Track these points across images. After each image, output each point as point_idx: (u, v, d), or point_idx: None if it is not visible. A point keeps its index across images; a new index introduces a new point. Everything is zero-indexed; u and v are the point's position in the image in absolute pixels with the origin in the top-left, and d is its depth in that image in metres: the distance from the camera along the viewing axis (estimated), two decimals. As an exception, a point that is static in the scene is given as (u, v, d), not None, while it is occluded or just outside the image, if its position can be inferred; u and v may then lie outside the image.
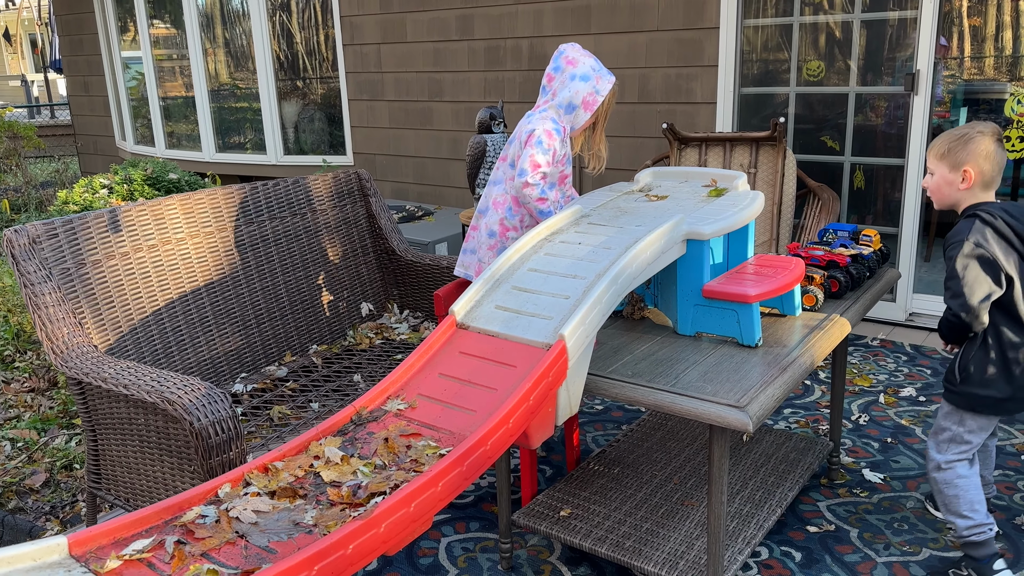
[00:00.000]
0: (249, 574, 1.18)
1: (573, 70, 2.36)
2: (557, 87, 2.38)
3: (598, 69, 2.40)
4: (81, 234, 2.48)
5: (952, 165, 2.04)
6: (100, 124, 8.02)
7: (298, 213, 3.11)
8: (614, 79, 2.42)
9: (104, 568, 1.18)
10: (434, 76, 5.42)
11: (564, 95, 2.37)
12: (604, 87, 2.37)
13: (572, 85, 2.35)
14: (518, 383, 1.59)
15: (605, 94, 2.37)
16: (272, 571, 1.14)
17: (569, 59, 2.38)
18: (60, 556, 1.19)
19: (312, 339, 3.09)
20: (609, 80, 2.40)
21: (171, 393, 1.98)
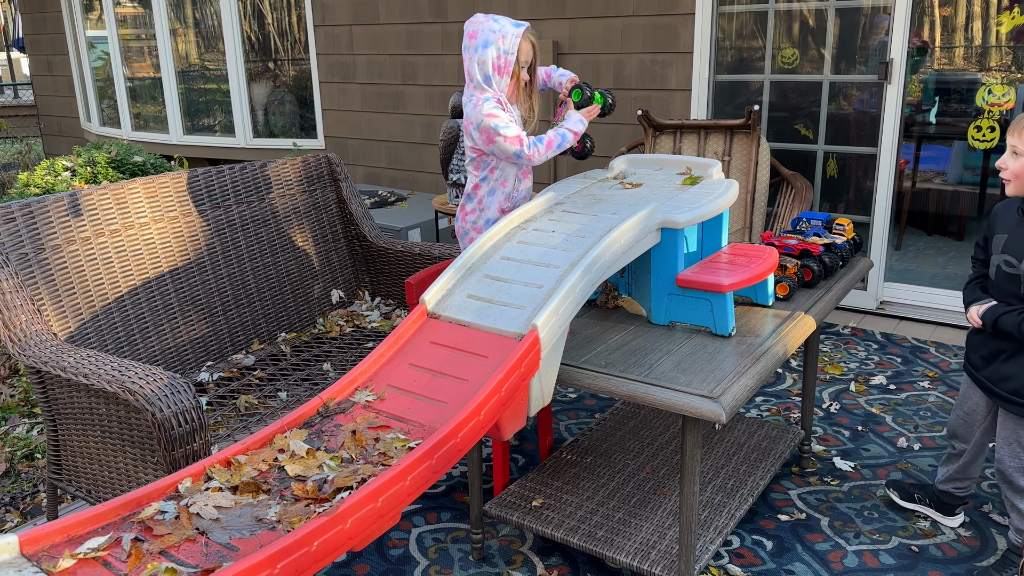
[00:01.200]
0: (209, 572, 1.14)
1: (474, 42, 2.28)
2: (468, 66, 2.32)
3: (499, 29, 2.26)
4: (40, 218, 2.40)
5: None
6: (64, 105, 7.82)
7: (266, 198, 3.05)
8: (521, 28, 2.27)
9: (56, 568, 1.13)
10: (407, 59, 5.34)
11: (476, 70, 2.30)
12: (510, 44, 2.24)
13: (477, 57, 2.28)
14: (490, 374, 1.57)
15: (514, 51, 2.25)
16: (233, 570, 1.10)
17: (470, 33, 2.30)
18: (10, 555, 1.14)
19: (281, 327, 3.03)
20: (514, 34, 2.25)
21: (132, 383, 1.93)
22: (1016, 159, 1.95)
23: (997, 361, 2.04)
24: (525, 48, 2.29)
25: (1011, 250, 1.99)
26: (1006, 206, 2.08)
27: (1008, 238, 2.01)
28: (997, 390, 2.05)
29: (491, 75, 2.27)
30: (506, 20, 2.28)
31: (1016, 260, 1.95)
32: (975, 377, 2.16)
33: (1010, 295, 1.98)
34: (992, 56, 4.88)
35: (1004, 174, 1.99)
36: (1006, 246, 2.01)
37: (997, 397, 2.07)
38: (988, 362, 2.09)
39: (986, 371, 2.09)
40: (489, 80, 2.28)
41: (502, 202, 2.43)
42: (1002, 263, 2.01)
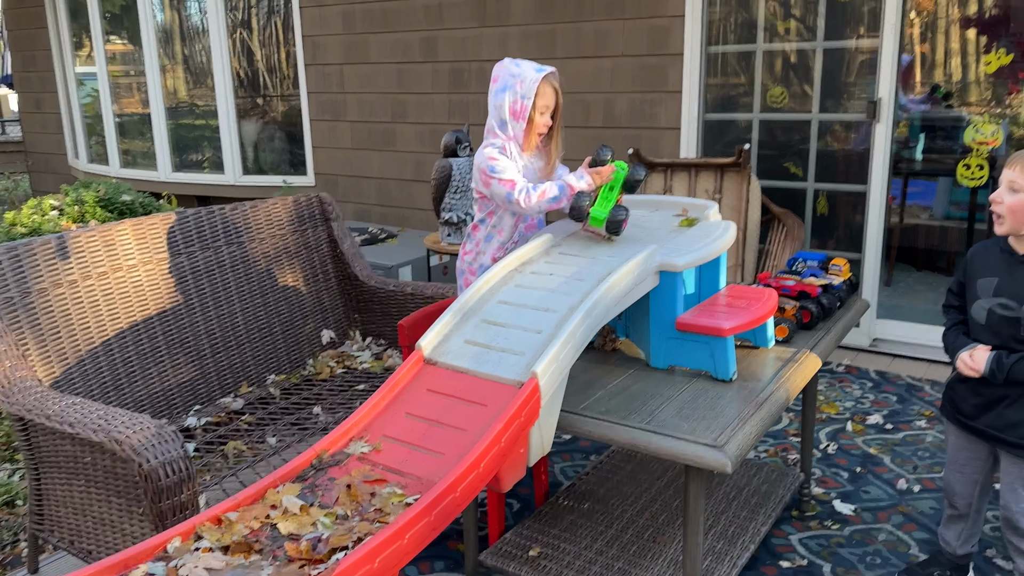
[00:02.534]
0: (199, 642, 1.09)
1: (495, 86, 2.28)
2: (489, 108, 2.32)
3: (518, 74, 2.24)
4: (26, 261, 2.35)
5: None
6: (52, 142, 7.79)
7: (256, 238, 3.01)
8: (541, 73, 2.22)
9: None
10: (398, 97, 5.36)
11: (494, 114, 2.29)
12: (528, 88, 2.21)
13: (496, 101, 2.28)
14: (489, 424, 1.52)
15: (531, 96, 2.21)
16: (224, 639, 1.05)
17: (493, 77, 2.30)
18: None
19: (270, 368, 2.98)
20: (533, 79, 2.22)
21: (119, 432, 1.87)
22: (1014, 195, 1.88)
23: (999, 407, 2.00)
24: (545, 93, 2.24)
25: (1006, 293, 1.96)
26: (984, 248, 2.05)
27: (999, 281, 1.97)
28: (1006, 437, 2.01)
29: (507, 120, 2.25)
30: (529, 65, 2.26)
31: (1016, 303, 1.94)
32: (970, 427, 2.10)
33: (1010, 339, 1.96)
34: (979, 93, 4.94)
35: (998, 208, 1.91)
36: (998, 289, 1.97)
37: (1005, 444, 2.02)
38: (985, 410, 2.03)
39: (985, 419, 2.04)
40: (505, 125, 2.27)
41: (496, 251, 2.41)
42: (996, 307, 1.97)
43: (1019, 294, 1.93)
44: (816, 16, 4.07)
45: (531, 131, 2.27)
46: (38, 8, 7.34)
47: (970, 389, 2.06)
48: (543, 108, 2.25)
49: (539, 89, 2.22)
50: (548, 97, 2.24)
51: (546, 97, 2.24)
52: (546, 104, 2.25)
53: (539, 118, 2.26)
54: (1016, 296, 1.93)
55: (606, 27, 4.45)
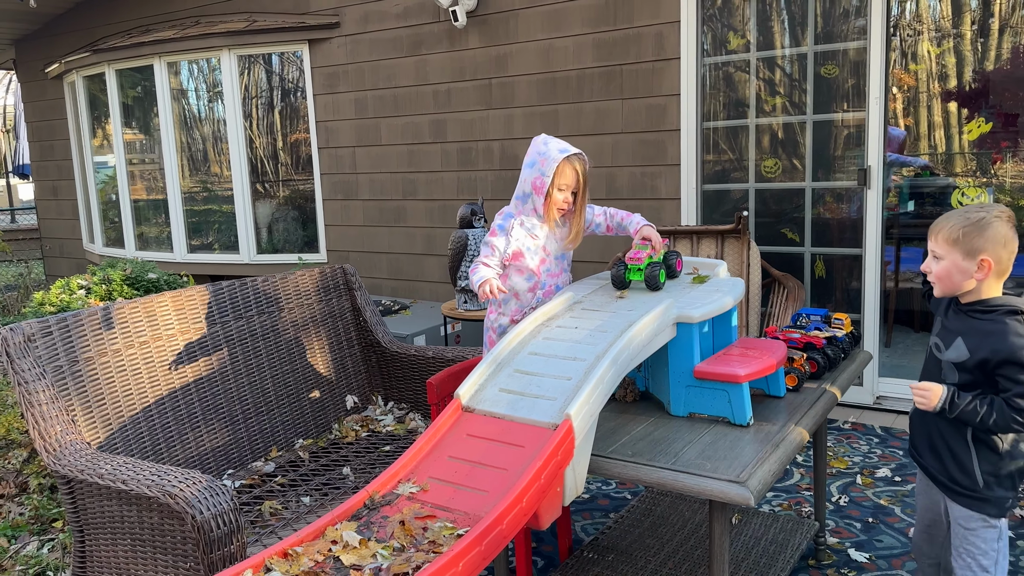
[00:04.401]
0: (282, 657, 1.18)
1: (525, 160, 2.47)
2: (520, 180, 2.52)
3: (544, 152, 2.40)
4: (75, 331, 2.49)
5: (967, 252, 1.88)
6: (68, 227, 8.02)
7: (285, 307, 3.16)
8: (562, 156, 2.38)
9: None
10: (408, 176, 5.60)
11: (519, 187, 2.49)
12: (548, 168, 2.38)
13: (522, 175, 2.47)
14: (528, 462, 1.64)
15: (550, 174, 2.37)
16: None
17: (528, 152, 2.51)
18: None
19: (298, 433, 3.08)
20: (554, 160, 2.37)
21: (172, 486, 1.97)
22: (938, 263, 1.94)
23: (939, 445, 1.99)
24: (564, 173, 2.40)
25: (940, 334, 2.01)
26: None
27: (940, 321, 2.04)
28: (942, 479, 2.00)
29: (529, 193, 2.45)
30: (556, 145, 2.43)
31: (943, 346, 1.98)
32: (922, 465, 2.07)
33: (935, 378, 1.99)
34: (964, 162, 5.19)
35: (930, 277, 1.99)
36: (937, 330, 2.04)
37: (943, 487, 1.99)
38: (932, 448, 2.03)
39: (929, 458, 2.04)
40: (527, 197, 2.47)
41: (514, 312, 2.56)
42: (932, 345, 2.03)
43: (947, 338, 1.97)
44: (804, 91, 4.34)
45: (549, 206, 2.44)
46: (58, 100, 7.69)
47: (920, 423, 2.07)
48: (562, 186, 2.42)
49: (559, 168, 2.39)
50: (567, 177, 2.41)
51: (565, 177, 2.40)
52: (566, 183, 2.42)
53: (557, 195, 2.43)
54: (945, 339, 1.98)
55: (606, 106, 4.72)
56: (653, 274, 2.24)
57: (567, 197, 2.45)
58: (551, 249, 2.54)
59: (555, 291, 2.58)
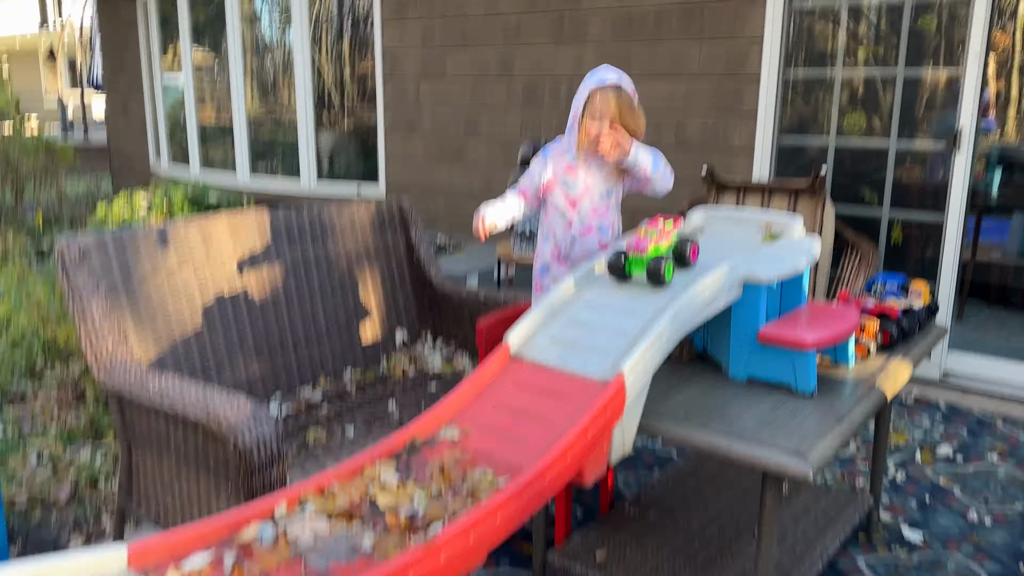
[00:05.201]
0: (310, 597, 1.16)
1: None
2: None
3: (585, 81, 2.37)
4: (130, 248, 2.49)
5: None
6: (136, 144, 8.14)
7: (340, 238, 3.12)
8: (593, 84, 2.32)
9: (166, 583, 1.16)
10: (471, 112, 5.48)
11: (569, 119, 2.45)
12: (581, 96, 2.35)
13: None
14: (575, 417, 1.57)
15: (581, 103, 2.34)
16: (335, 595, 1.12)
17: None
18: (119, 567, 1.17)
19: (347, 364, 3.07)
20: (586, 88, 2.34)
21: (217, 410, 1.97)
22: None
23: None
24: (595, 101, 2.33)
25: None
26: None
27: None
28: None
29: (572, 124, 2.39)
30: (600, 73, 2.37)
31: None
32: None
33: None
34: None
35: None
36: None
37: None
38: None
39: None
40: (570, 129, 2.41)
41: (551, 252, 2.53)
42: None
43: None
44: (897, 43, 4.05)
45: (581, 136, 2.38)
46: (130, 15, 7.72)
47: None
48: (592, 114, 2.34)
49: (590, 97, 2.34)
50: (599, 106, 2.33)
51: (595, 105, 2.33)
52: (598, 111, 2.33)
53: (589, 124, 2.35)
54: None
55: (683, 48, 4.50)
56: (657, 268, 1.87)
57: (599, 126, 2.36)
58: (593, 184, 2.45)
59: (597, 230, 2.47)
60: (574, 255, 2.49)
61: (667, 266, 1.87)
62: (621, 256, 1.95)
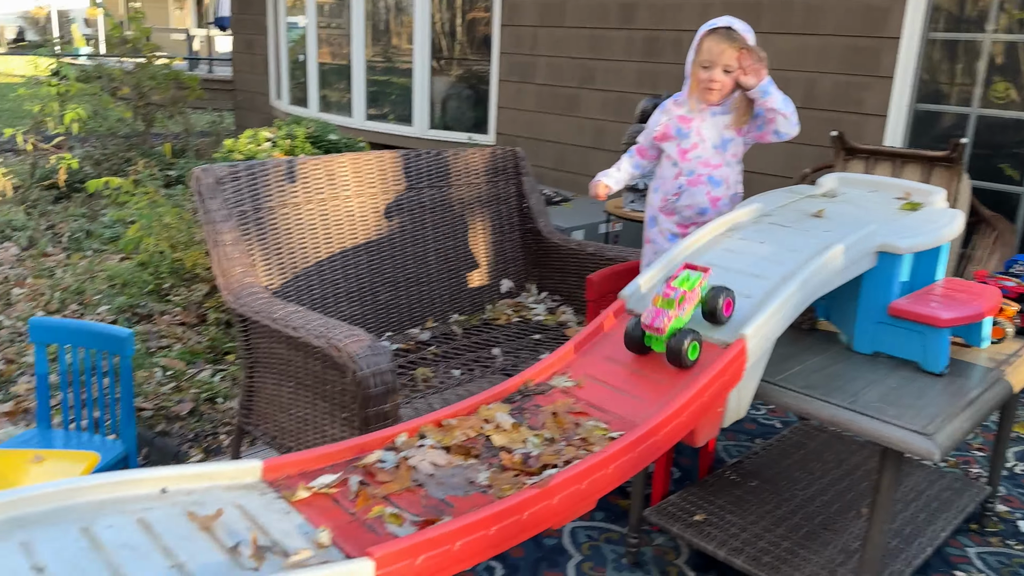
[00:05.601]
0: (430, 523, 1.20)
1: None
2: None
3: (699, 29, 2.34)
4: (260, 180, 2.59)
5: None
6: (258, 82, 8.41)
7: (454, 183, 3.16)
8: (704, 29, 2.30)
9: (294, 497, 1.22)
10: (587, 63, 5.39)
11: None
12: (693, 43, 2.33)
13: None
14: (693, 377, 1.55)
15: (693, 50, 2.33)
16: (454, 524, 1.15)
17: None
18: (254, 479, 1.24)
19: (453, 308, 3.13)
20: (698, 35, 2.32)
21: (338, 340, 2.05)
22: None
23: None
24: (705, 47, 2.29)
25: None
26: None
27: None
28: None
29: (687, 73, 2.39)
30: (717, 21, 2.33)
31: None
32: None
33: None
34: None
35: None
36: None
37: None
38: None
39: None
40: (686, 78, 2.41)
41: (660, 201, 2.51)
42: None
43: None
44: (1062, 6, 3.72)
45: (693, 85, 2.36)
46: (260, -44, 7.91)
47: None
48: (705, 63, 2.29)
49: (700, 43, 2.30)
50: (707, 53, 2.28)
51: (705, 53, 2.29)
52: (708, 59, 2.28)
53: (701, 73, 2.31)
54: None
55: (818, 2, 4.26)
56: (678, 348, 1.54)
57: (712, 75, 2.29)
58: (707, 135, 2.40)
59: (707, 182, 2.41)
60: (680, 206, 2.45)
61: (691, 347, 1.54)
62: (639, 327, 1.62)
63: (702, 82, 2.32)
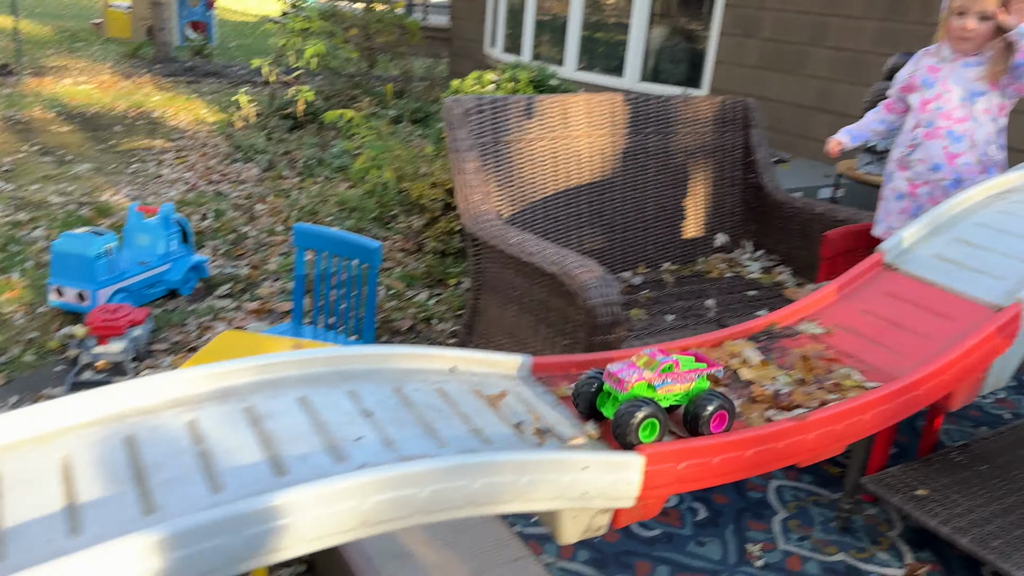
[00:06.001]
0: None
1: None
2: None
3: None
4: (501, 114, 2.71)
5: None
6: (474, 29, 8.67)
7: (680, 131, 3.13)
8: None
9: (559, 392, 1.31)
10: (819, 18, 5.09)
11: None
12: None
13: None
14: (960, 337, 1.48)
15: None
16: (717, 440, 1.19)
17: None
18: (525, 372, 1.34)
19: (665, 256, 3.14)
20: None
21: (571, 268, 2.13)
22: None
23: None
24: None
25: None
26: None
27: None
28: None
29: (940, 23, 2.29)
30: None
31: None
32: None
33: None
34: None
35: None
36: None
37: None
38: None
39: None
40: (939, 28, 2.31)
41: (897, 156, 2.42)
42: None
43: None
44: None
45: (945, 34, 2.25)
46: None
47: None
48: (958, 9, 2.17)
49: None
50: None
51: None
52: (962, 5, 2.15)
53: (954, 20, 2.19)
54: None
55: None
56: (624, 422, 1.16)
57: (965, 23, 2.14)
58: (954, 86, 2.24)
59: (946, 136, 2.25)
60: (913, 160, 2.34)
61: (646, 425, 1.16)
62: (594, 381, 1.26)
63: (954, 31, 2.20)
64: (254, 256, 4.23)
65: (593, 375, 1.24)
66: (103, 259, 3.21)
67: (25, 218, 4.46)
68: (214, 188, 5.32)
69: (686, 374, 1.23)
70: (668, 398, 1.22)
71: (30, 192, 4.94)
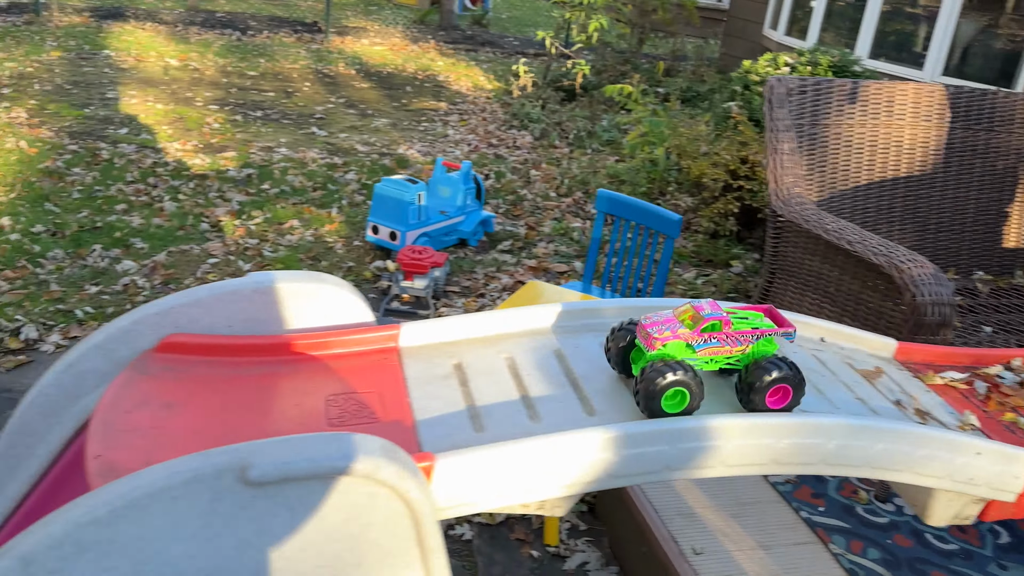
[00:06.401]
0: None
1: None
2: None
3: None
4: (823, 97, 2.64)
5: None
6: (754, 10, 8.39)
7: (1015, 132, 2.86)
8: None
9: (928, 380, 1.29)
10: None
11: None
12: None
13: None
14: None
15: None
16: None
17: None
18: (888, 354, 1.34)
19: (979, 264, 2.90)
20: None
21: (900, 261, 2.05)
22: None
23: None
24: None
25: None
26: None
27: None
28: None
29: None
30: None
31: None
32: None
33: None
34: None
35: None
36: None
37: None
38: None
39: None
40: None
41: None
42: None
43: None
44: None
45: None
46: None
47: None
48: None
49: None
50: None
51: None
52: None
53: None
54: None
55: None
56: (651, 391, 0.99)
57: None
58: None
59: None
60: None
61: (673, 393, 0.99)
62: (627, 335, 1.10)
63: None
64: (530, 218, 4.46)
65: (627, 326, 1.09)
66: (415, 205, 3.56)
67: (339, 162, 5.04)
68: (493, 151, 5.66)
69: (740, 335, 1.04)
70: (716, 361, 1.04)
71: (340, 139, 5.56)
